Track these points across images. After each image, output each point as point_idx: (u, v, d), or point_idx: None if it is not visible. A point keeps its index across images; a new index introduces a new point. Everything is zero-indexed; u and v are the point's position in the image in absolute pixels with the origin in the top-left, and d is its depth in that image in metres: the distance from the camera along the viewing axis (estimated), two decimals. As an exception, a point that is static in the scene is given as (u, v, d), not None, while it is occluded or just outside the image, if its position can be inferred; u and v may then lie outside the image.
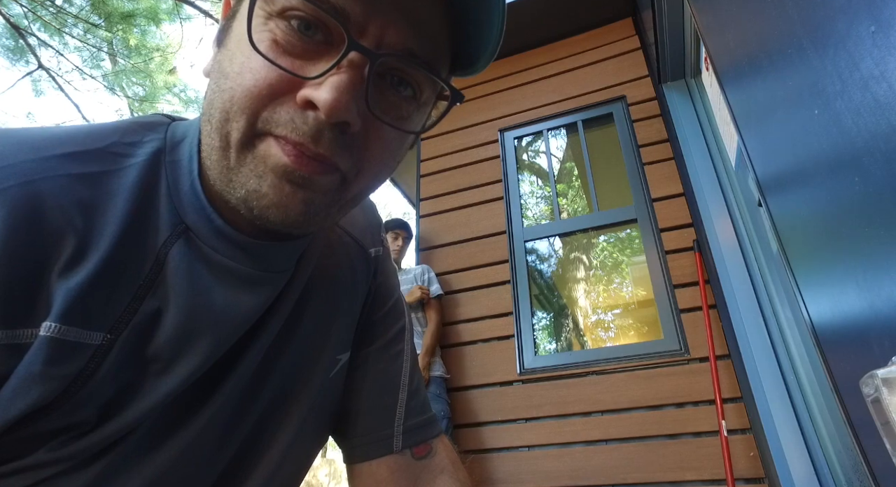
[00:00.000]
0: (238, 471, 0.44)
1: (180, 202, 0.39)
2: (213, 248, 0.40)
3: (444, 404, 2.18)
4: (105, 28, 6.25)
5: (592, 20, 2.84)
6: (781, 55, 0.66)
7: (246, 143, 0.34)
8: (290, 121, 0.33)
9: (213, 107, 0.35)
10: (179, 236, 0.39)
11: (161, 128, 0.42)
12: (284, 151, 0.34)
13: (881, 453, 0.53)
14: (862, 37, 0.44)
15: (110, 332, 0.35)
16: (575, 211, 5.73)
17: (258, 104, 0.33)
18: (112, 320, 0.35)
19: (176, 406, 0.39)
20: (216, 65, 0.37)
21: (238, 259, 0.41)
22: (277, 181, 0.34)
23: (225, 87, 0.34)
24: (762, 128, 0.82)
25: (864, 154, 0.46)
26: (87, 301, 0.33)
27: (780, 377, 1.69)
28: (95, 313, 0.34)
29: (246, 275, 0.41)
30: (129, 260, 0.36)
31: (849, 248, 0.54)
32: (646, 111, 2.54)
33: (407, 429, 0.54)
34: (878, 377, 0.38)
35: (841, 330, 0.60)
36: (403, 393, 0.56)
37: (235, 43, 0.35)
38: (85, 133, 0.38)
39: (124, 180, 0.37)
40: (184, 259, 0.38)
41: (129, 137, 0.40)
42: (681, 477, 1.87)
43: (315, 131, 0.33)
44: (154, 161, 0.39)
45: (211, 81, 0.37)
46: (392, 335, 0.58)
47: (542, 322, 5.10)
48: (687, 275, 2.14)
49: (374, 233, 0.59)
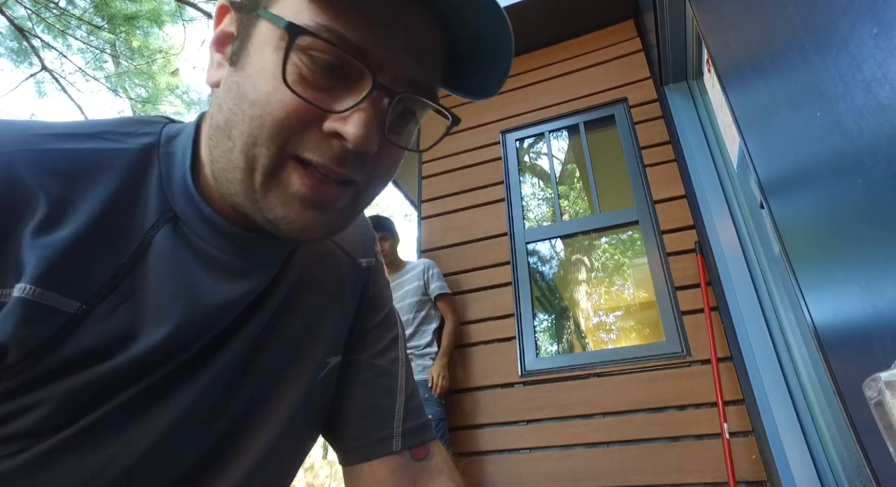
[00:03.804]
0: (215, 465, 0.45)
1: (171, 190, 0.41)
2: (200, 237, 0.42)
3: (434, 406, 2.15)
4: (108, 30, 6.28)
5: (594, 22, 2.84)
6: (783, 57, 0.66)
7: (274, 168, 0.37)
8: (316, 146, 0.37)
9: (236, 129, 0.37)
10: (167, 222, 0.41)
11: (157, 125, 0.44)
12: (304, 183, 0.38)
13: (884, 456, 0.53)
14: (864, 39, 0.44)
15: (86, 303, 0.36)
16: (576, 212, 5.73)
17: (288, 133, 0.36)
18: (89, 292, 0.36)
19: (150, 392, 0.40)
20: (234, 86, 0.38)
21: (224, 249, 0.43)
22: (302, 208, 0.39)
23: (253, 114, 0.36)
24: (764, 129, 0.81)
25: (866, 156, 0.46)
26: (63, 267, 0.35)
27: (783, 379, 1.68)
28: (72, 281, 0.35)
29: (231, 265, 0.43)
30: (112, 236, 0.38)
31: (851, 250, 0.54)
32: (647, 113, 2.54)
33: (406, 431, 0.56)
34: (881, 380, 0.38)
35: (843, 332, 0.60)
36: (401, 396, 0.57)
37: (258, 71, 0.37)
38: (80, 123, 0.40)
39: (114, 161, 0.39)
40: (169, 243, 0.40)
41: (123, 128, 0.42)
42: (682, 480, 1.87)
43: (340, 157, 0.37)
44: (146, 150, 0.41)
45: (229, 100, 0.38)
46: (386, 343, 0.60)
47: (544, 324, 5.09)
48: (688, 277, 2.13)
49: (366, 245, 0.62)
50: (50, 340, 0.34)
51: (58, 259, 0.34)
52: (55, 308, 0.34)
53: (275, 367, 0.49)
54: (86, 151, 0.38)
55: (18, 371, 0.34)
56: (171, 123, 0.46)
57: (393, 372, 0.58)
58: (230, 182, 0.39)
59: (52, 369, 0.35)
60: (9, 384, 0.34)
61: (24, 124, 0.38)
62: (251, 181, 0.38)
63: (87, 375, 0.36)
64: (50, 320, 0.34)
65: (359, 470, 0.54)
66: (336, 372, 0.55)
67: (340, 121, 0.37)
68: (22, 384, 0.34)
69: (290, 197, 0.38)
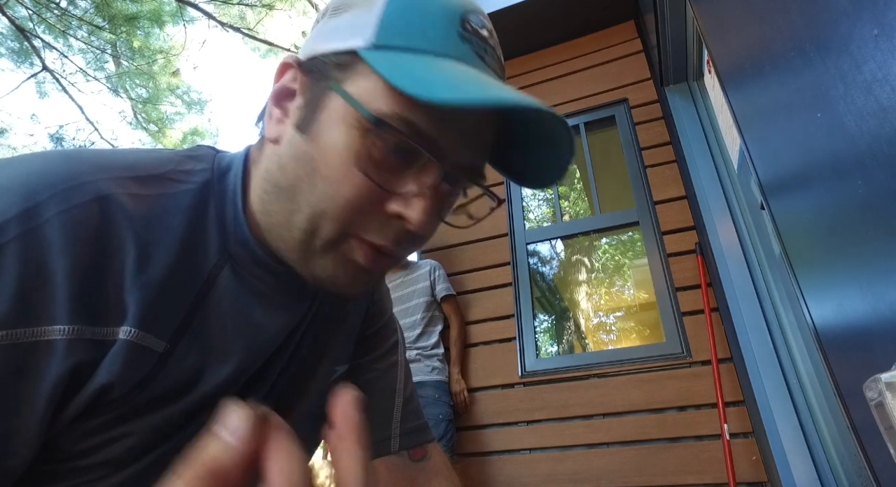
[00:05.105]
0: None
1: (225, 230, 0.43)
2: (253, 274, 0.44)
3: (444, 406, 2.16)
4: (109, 30, 6.28)
5: (594, 23, 2.84)
6: (784, 58, 0.66)
7: (335, 241, 0.40)
8: (380, 229, 0.40)
9: (302, 197, 0.39)
10: (227, 262, 0.43)
11: (208, 159, 0.46)
12: (365, 257, 0.40)
13: (884, 457, 0.53)
14: (865, 40, 0.44)
15: (170, 342, 0.38)
16: (577, 213, 5.72)
17: (355, 214, 0.39)
18: (171, 330, 0.39)
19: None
20: (303, 155, 0.39)
21: (271, 284, 0.45)
22: (353, 273, 0.42)
23: (324, 190, 0.38)
24: (764, 130, 0.82)
25: (866, 157, 0.46)
26: (155, 308, 0.37)
27: (783, 380, 1.68)
28: (161, 322, 0.38)
29: (278, 301, 0.46)
30: (184, 276, 0.40)
31: (852, 251, 0.54)
32: (648, 114, 2.54)
33: (404, 432, 0.57)
34: (882, 381, 0.38)
35: (844, 333, 0.60)
36: (399, 399, 0.59)
37: (331, 147, 0.38)
38: (146, 160, 0.42)
39: (179, 202, 0.41)
40: (230, 282, 0.43)
41: (182, 166, 0.44)
42: (683, 481, 1.86)
43: (398, 237, 0.40)
44: (204, 189, 0.43)
45: (296, 166, 0.40)
46: (386, 348, 0.62)
47: (544, 324, 5.09)
48: (689, 278, 2.13)
49: None
50: (144, 379, 0.37)
51: (152, 301, 0.37)
52: (150, 348, 0.37)
53: (298, 382, 0.52)
54: (159, 197, 0.40)
55: (118, 406, 0.37)
56: (218, 154, 0.48)
57: (392, 375, 0.60)
58: (284, 238, 0.42)
59: (141, 405, 0.38)
60: (108, 416, 0.37)
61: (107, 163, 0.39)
62: (309, 244, 0.40)
63: (166, 412, 0.39)
64: (146, 360, 0.37)
65: None
66: (339, 380, 0.57)
67: (404, 205, 0.39)
68: (117, 417, 0.37)
69: (346, 263, 0.41)
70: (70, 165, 0.36)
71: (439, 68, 0.36)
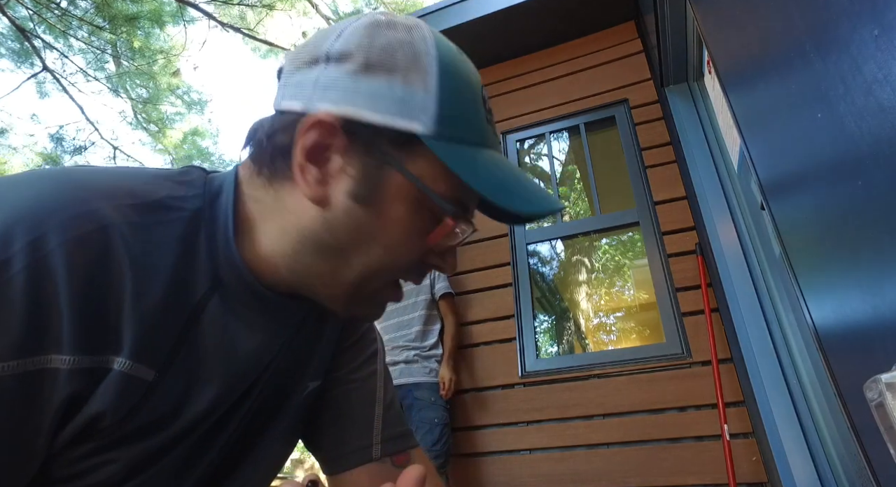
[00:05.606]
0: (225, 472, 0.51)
1: (216, 257, 0.43)
2: (241, 301, 0.45)
3: (440, 410, 2.13)
4: (109, 30, 6.29)
5: (595, 23, 2.84)
6: (784, 58, 0.66)
7: (380, 290, 0.47)
8: (418, 275, 0.48)
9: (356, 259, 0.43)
10: (215, 290, 0.43)
11: (198, 183, 0.46)
12: (397, 298, 0.48)
13: (885, 457, 0.53)
14: (865, 40, 0.44)
15: (159, 371, 0.39)
16: (577, 213, 5.72)
17: (403, 272, 0.47)
18: (161, 360, 0.39)
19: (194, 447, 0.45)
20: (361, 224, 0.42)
21: (259, 309, 0.46)
22: (382, 307, 0.49)
23: (383, 256, 0.43)
24: (765, 131, 0.82)
25: (867, 157, 0.46)
26: (147, 338, 0.38)
27: (783, 381, 1.68)
28: (151, 351, 0.38)
29: (265, 325, 0.47)
30: (175, 305, 0.40)
31: (852, 252, 0.54)
32: (648, 114, 2.54)
33: (385, 439, 0.58)
34: (882, 381, 0.38)
35: (844, 334, 0.60)
36: (379, 407, 0.60)
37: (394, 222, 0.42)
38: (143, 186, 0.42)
39: (173, 231, 0.41)
40: (218, 310, 0.43)
41: (175, 191, 0.44)
42: (683, 482, 1.87)
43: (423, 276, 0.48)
44: (196, 216, 0.43)
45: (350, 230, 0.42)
46: (364, 358, 0.63)
47: (544, 325, 5.09)
48: (689, 279, 2.13)
49: None
50: (134, 407, 0.38)
51: (145, 331, 0.37)
52: (141, 378, 0.38)
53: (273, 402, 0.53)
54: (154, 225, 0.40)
55: (108, 433, 0.38)
56: (207, 176, 0.48)
57: (371, 384, 0.61)
58: (320, 288, 0.45)
59: (129, 433, 0.39)
60: (97, 443, 0.38)
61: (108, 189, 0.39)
62: (356, 293, 0.45)
63: (151, 439, 0.40)
64: (137, 389, 0.38)
65: (341, 479, 0.57)
66: (313, 394, 0.58)
67: (441, 260, 0.47)
68: (107, 444, 0.38)
69: (379, 303, 0.48)
70: (73, 192, 0.37)
71: (494, 165, 0.43)
